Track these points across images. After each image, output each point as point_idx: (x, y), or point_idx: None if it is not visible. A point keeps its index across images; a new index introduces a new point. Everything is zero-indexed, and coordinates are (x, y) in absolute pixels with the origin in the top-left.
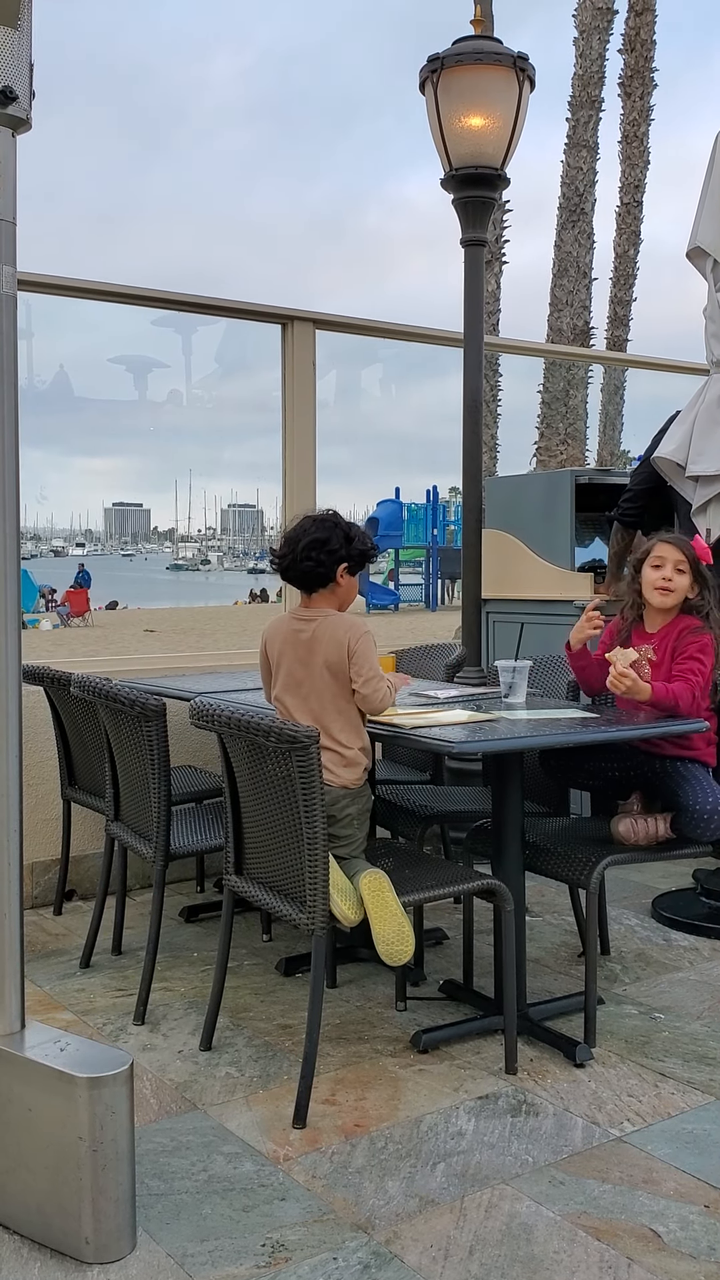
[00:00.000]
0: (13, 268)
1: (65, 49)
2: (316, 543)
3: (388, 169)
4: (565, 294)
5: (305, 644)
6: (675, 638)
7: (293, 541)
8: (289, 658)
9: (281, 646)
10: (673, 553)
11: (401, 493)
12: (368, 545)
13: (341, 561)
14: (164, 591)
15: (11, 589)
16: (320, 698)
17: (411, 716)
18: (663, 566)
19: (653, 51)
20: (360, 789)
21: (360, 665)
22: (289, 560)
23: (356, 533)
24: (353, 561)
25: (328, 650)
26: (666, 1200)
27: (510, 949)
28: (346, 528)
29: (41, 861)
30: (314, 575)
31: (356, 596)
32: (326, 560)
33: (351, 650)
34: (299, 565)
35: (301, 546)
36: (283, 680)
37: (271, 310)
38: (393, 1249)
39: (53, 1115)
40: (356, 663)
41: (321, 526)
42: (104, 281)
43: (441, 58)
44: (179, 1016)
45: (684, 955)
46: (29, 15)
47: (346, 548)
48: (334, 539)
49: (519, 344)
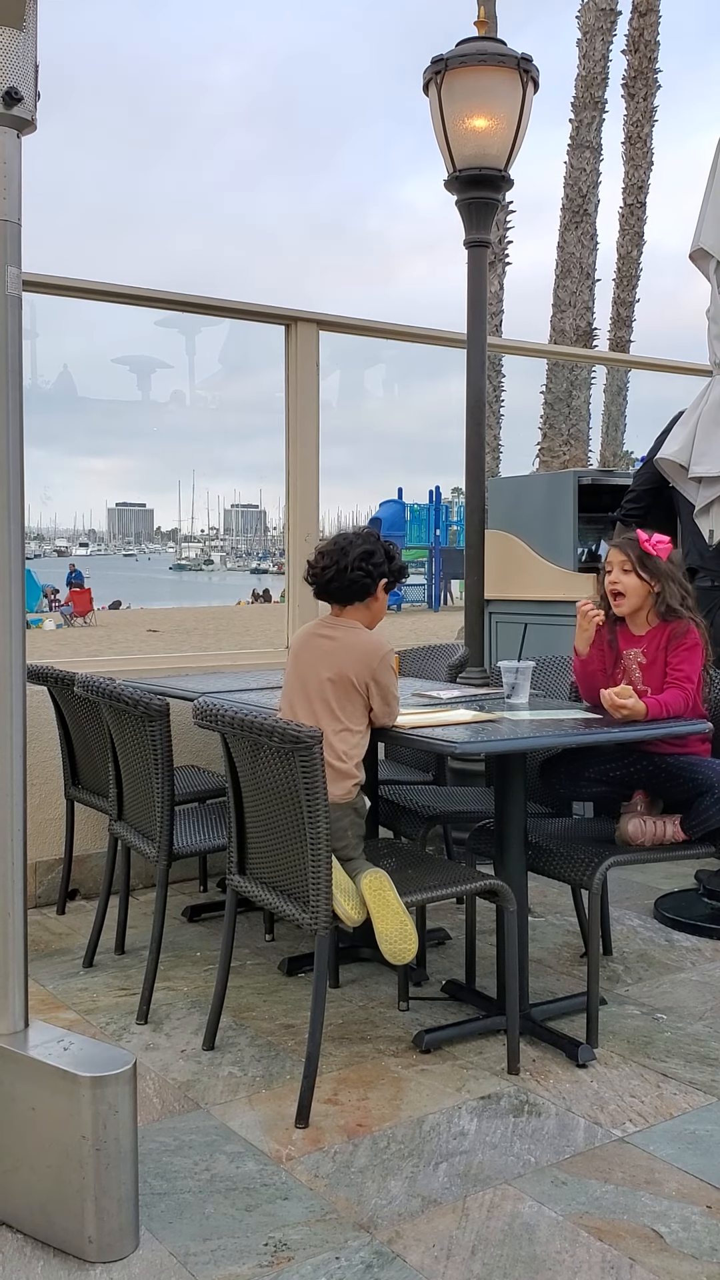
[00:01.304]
0: (18, 268)
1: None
2: (366, 554)
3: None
4: (568, 295)
5: (328, 652)
6: (666, 640)
7: (339, 553)
8: (304, 660)
9: (299, 651)
10: (616, 555)
11: (404, 493)
12: (403, 567)
13: (384, 576)
14: (167, 591)
15: (16, 589)
16: (326, 704)
17: (414, 717)
18: (611, 571)
19: (656, 52)
20: (350, 801)
21: (383, 691)
22: (334, 571)
23: (395, 551)
24: (392, 578)
25: (352, 665)
26: (669, 1201)
27: (513, 949)
28: (386, 545)
29: (45, 861)
30: (360, 586)
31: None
32: (374, 572)
33: (376, 676)
34: (348, 574)
35: (354, 556)
36: (292, 681)
37: (275, 311)
38: (395, 1249)
39: (56, 1114)
40: (379, 689)
41: (368, 540)
42: (108, 282)
43: (445, 59)
44: (182, 1016)
45: (686, 956)
46: (34, 16)
47: (389, 564)
48: (379, 553)
49: (522, 345)
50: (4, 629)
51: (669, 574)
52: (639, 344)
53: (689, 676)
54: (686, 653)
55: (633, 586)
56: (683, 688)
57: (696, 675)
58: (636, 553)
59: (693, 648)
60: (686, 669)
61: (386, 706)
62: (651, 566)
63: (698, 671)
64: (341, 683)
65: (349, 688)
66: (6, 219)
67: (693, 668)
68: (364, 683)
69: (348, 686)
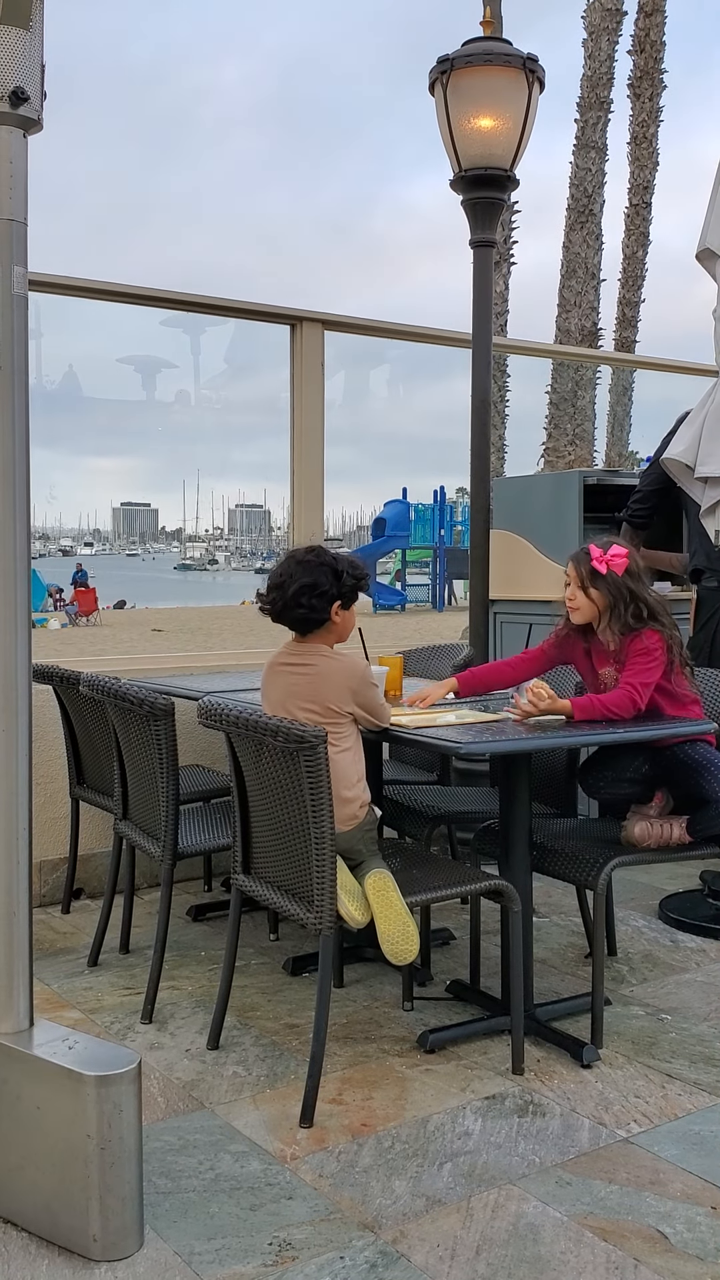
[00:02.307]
0: (24, 268)
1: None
2: (305, 588)
3: (394, 173)
4: (573, 295)
5: (300, 686)
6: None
7: (280, 588)
8: (274, 699)
9: (267, 687)
10: (571, 570)
11: (409, 493)
12: (359, 576)
13: (333, 601)
14: (171, 591)
15: (22, 588)
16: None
17: (419, 716)
18: (569, 585)
19: (662, 53)
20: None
21: (369, 707)
22: (279, 606)
23: (344, 565)
24: (345, 597)
25: (332, 694)
26: (673, 1201)
27: (517, 949)
28: (333, 563)
29: (50, 860)
30: (308, 620)
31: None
32: (318, 604)
33: (358, 699)
34: (291, 612)
35: (291, 594)
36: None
37: (280, 311)
38: (399, 1248)
39: (61, 1113)
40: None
41: (307, 570)
42: (113, 282)
43: (451, 59)
44: (186, 1015)
45: (691, 957)
46: (40, 16)
47: (336, 585)
48: (322, 580)
49: (527, 345)
50: (10, 628)
51: (619, 590)
52: (644, 344)
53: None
54: (639, 658)
55: (585, 602)
56: (625, 688)
57: (648, 679)
58: (586, 569)
59: (643, 653)
60: (634, 677)
61: (376, 718)
62: (599, 585)
63: (651, 675)
64: (324, 713)
65: (331, 715)
66: (12, 218)
67: (644, 673)
68: (348, 708)
69: (330, 714)
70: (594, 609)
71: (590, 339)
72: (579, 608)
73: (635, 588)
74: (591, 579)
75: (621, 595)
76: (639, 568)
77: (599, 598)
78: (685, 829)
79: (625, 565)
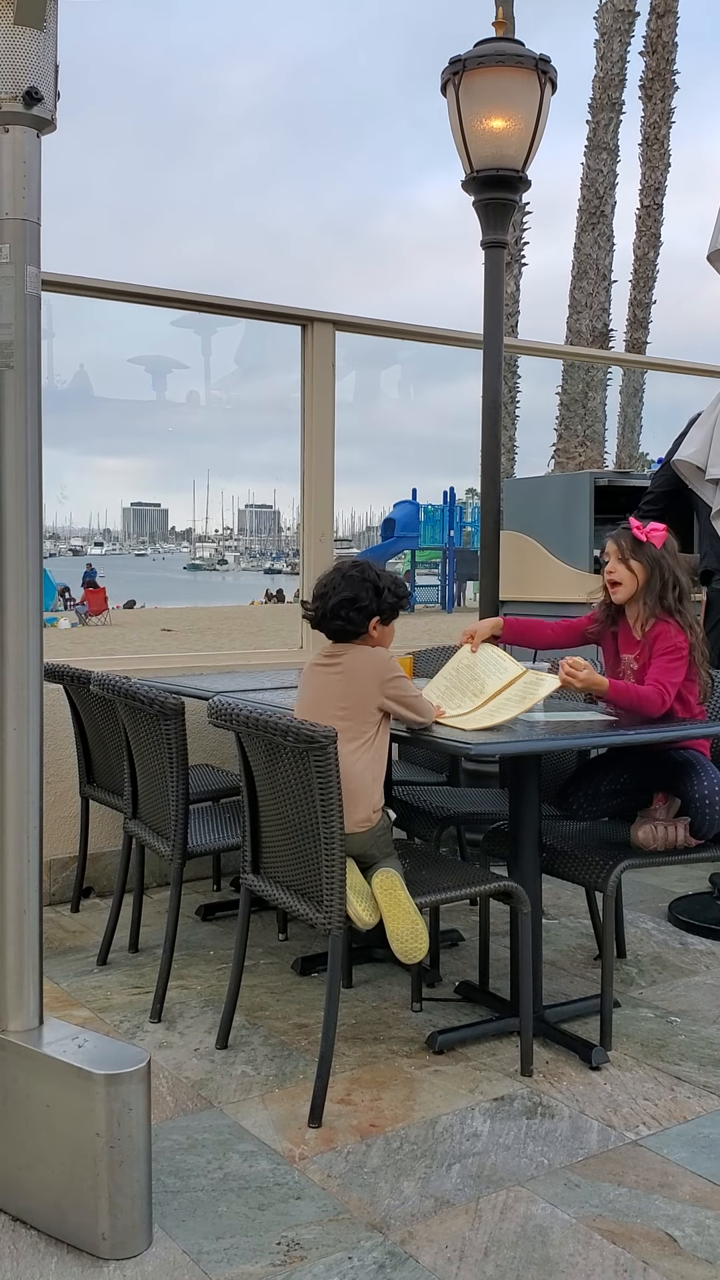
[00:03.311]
0: (37, 267)
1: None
2: (345, 602)
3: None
4: (584, 296)
5: (334, 683)
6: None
7: (323, 598)
8: (307, 700)
9: (305, 686)
10: (611, 545)
11: (418, 494)
12: (400, 595)
13: (372, 616)
14: (181, 591)
15: (34, 587)
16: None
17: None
18: (608, 561)
19: (674, 54)
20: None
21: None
22: (319, 616)
23: (387, 582)
24: (384, 614)
25: (359, 687)
26: (682, 1204)
27: (526, 951)
28: (375, 579)
29: (60, 858)
30: (345, 632)
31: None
32: (356, 618)
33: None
34: (330, 623)
35: (330, 605)
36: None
37: (291, 311)
38: (408, 1249)
39: (70, 1111)
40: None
41: (350, 584)
42: (125, 282)
43: (463, 59)
44: (195, 1014)
45: (700, 959)
46: (55, 17)
47: (376, 601)
48: (363, 595)
49: (538, 346)
50: (22, 627)
51: (657, 561)
52: (655, 345)
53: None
54: (667, 656)
55: (627, 575)
56: (655, 686)
57: (675, 679)
58: (629, 540)
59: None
60: (663, 676)
61: (413, 710)
62: (640, 556)
63: (678, 674)
64: (355, 713)
65: (362, 714)
66: (26, 218)
67: (672, 672)
68: (377, 702)
69: (361, 714)
70: (635, 583)
71: (601, 340)
72: (621, 581)
73: (672, 563)
74: (633, 549)
75: (659, 568)
76: (675, 547)
77: (640, 569)
78: (689, 831)
79: (664, 539)
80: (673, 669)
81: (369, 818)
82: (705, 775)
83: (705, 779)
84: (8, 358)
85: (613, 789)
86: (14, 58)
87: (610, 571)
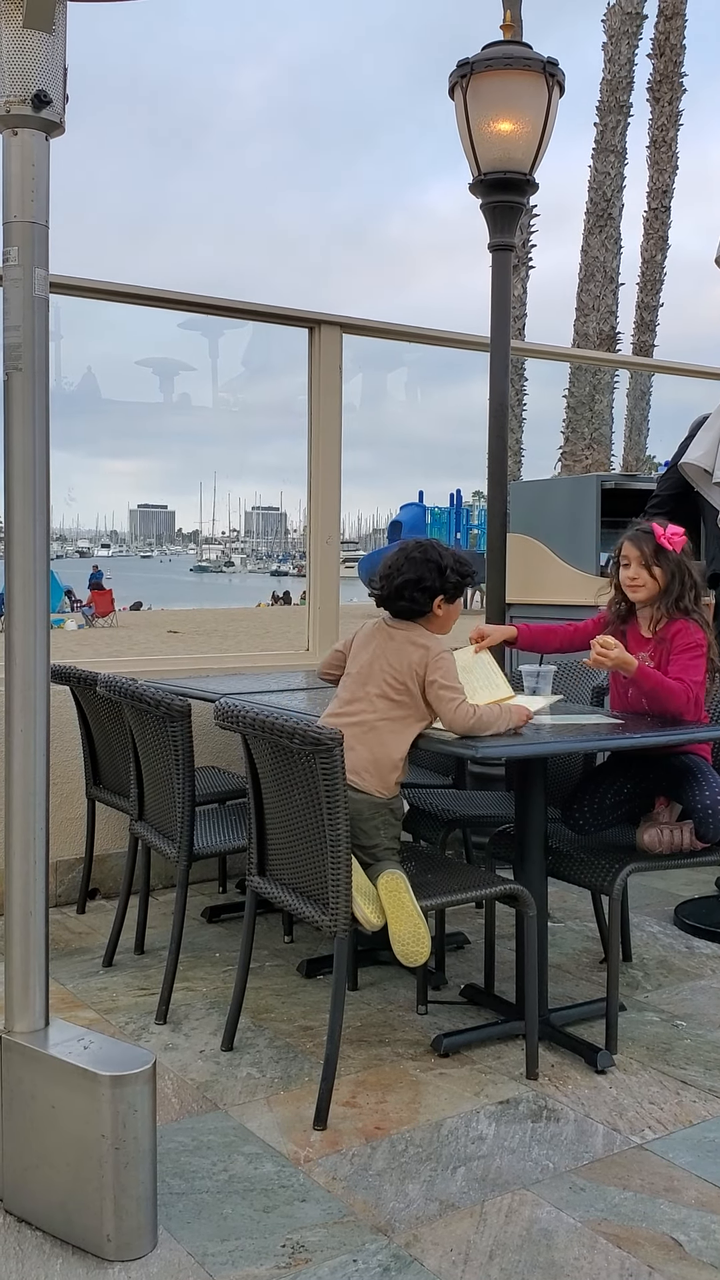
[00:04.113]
0: (45, 270)
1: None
2: (408, 584)
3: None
4: (591, 299)
5: (393, 646)
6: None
7: (388, 579)
8: (369, 650)
9: (365, 640)
10: (632, 550)
11: (425, 496)
12: (464, 573)
13: (436, 595)
14: (187, 593)
15: (41, 589)
16: (381, 696)
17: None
18: (629, 565)
19: (682, 57)
20: (387, 800)
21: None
22: (385, 596)
23: (449, 561)
24: (449, 593)
25: (405, 658)
26: (688, 1209)
27: (532, 954)
28: (439, 559)
29: (65, 860)
30: (410, 611)
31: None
32: (420, 598)
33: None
34: (395, 604)
35: (395, 585)
36: (355, 668)
37: (299, 314)
38: (412, 1252)
39: (75, 1112)
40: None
41: (413, 565)
42: (133, 285)
43: (471, 62)
44: (201, 1016)
45: (706, 963)
46: (63, 20)
47: (440, 580)
48: (427, 576)
49: (545, 349)
50: (29, 629)
51: (679, 566)
52: (662, 348)
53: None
54: (688, 654)
55: (648, 580)
56: (681, 684)
57: (698, 677)
58: (652, 547)
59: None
60: (687, 674)
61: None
62: (664, 561)
63: (700, 673)
64: (399, 688)
65: (405, 692)
66: (34, 221)
67: (695, 670)
68: (415, 672)
69: (404, 691)
70: (656, 587)
71: (608, 343)
72: (642, 585)
73: (691, 567)
74: (656, 556)
75: (680, 574)
76: (690, 549)
77: (661, 575)
78: (695, 834)
79: (683, 544)
80: (695, 666)
81: (392, 786)
82: (707, 783)
83: (707, 787)
84: (16, 360)
85: (617, 799)
86: (22, 61)
87: (633, 578)
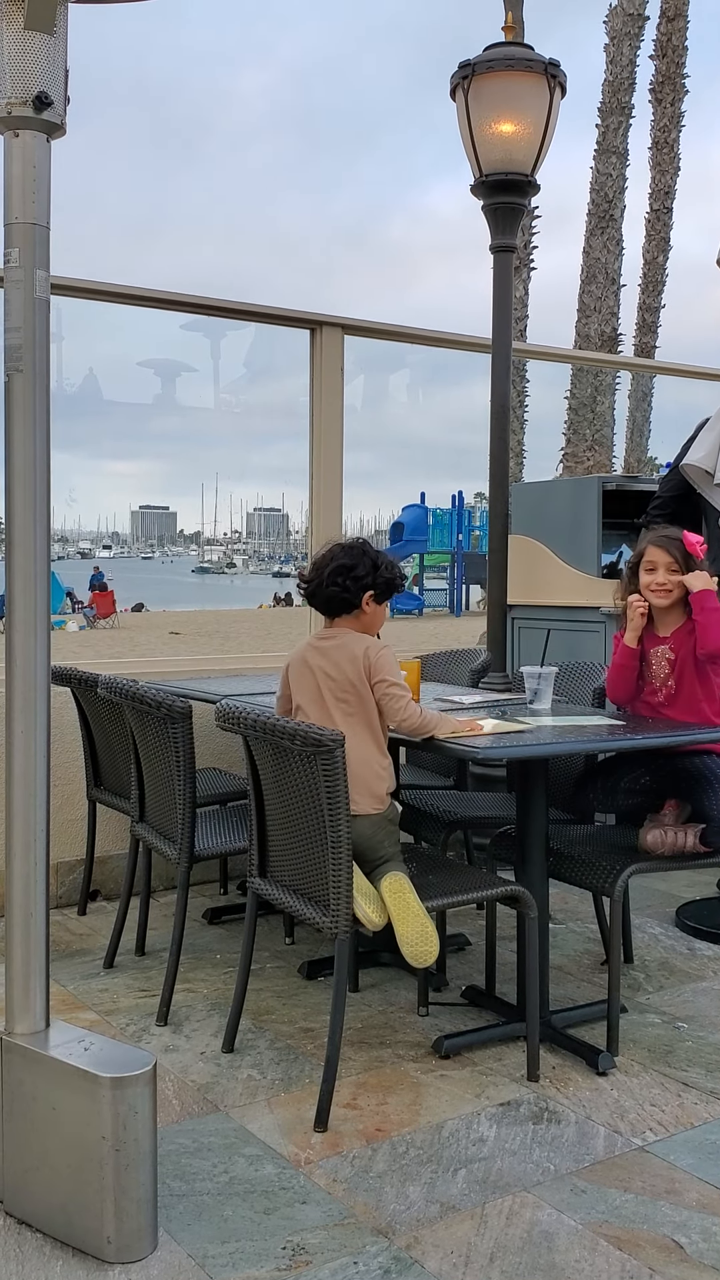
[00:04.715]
0: (46, 271)
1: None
2: (342, 569)
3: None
4: (593, 300)
5: (329, 660)
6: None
7: (319, 567)
8: (307, 677)
9: (299, 669)
10: (662, 556)
11: (427, 498)
12: (395, 575)
13: (367, 589)
14: (189, 594)
15: (42, 590)
16: (336, 709)
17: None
18: (655, 570)
19: (684, 57)
20: (384, 812)
21: (380, 675)
22: (314, 585)
23: (384, 562)
24: (379, 590)
25: (346, 665)
26: (689, 1211)
27: (533, 956)
28: (374, 556)
29: (66, 861)
30: (338, 600)
31: (383, 623)
32: (352, 586)
33: (370, 662)
34: (324, 590)
35: (328, 572)
36: (303, 696)
37: (300, 315)
38: (413, 1254)
39: (76, 1114)
40: (376, 673)
41: (349, 554)
42: (134, 286)
43: (473, 64)
44: (201, 1018)
45: (708, 965)
46: (65, 22)
47: (373, 575)
48: (361, 566)
49: (546, 350)
50: (30, 631)
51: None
52: (664, 349)
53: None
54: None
55: (677, 585)
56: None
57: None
58: (681, 553)
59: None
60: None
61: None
62: (693, 569)
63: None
64: (355, 700)
65: (356, 688)
66: (35, 222)
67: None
68: (362, 677)
69: (355, 687)
70: (682, 591)
71: (610, 344)
72: (672, 590)
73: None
74: (686, 564)
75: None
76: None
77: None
78: (699, 838)
79: (706, 550)
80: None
81: (374, 805)
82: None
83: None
84: (17, 361)
85: (631, 787)
86: (24, 62)
87: (661, 583)
